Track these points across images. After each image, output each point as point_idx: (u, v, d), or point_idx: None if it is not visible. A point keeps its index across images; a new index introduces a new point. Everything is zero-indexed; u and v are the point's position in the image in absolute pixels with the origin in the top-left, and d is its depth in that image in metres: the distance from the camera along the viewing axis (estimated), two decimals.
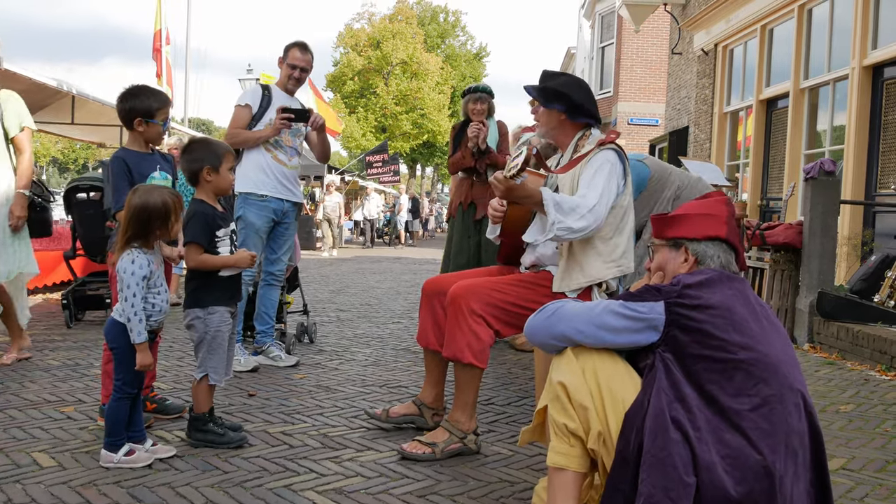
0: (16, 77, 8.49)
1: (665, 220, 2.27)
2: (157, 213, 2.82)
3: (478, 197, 5.51)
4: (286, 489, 2.67)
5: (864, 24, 7.55)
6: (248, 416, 3.55)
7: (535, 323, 2.22)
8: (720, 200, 2.29)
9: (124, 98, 3.33)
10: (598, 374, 2.06)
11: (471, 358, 2.96)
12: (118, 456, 2.82)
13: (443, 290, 3.20)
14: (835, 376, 4.79)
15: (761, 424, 1.91)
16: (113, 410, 2.85)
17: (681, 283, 2.08)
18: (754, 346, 1.98)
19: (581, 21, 25.43)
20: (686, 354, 1.99)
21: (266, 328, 4.77)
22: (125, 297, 2.82)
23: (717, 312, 2.00)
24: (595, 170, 2.95)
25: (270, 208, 4.62)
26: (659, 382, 1.97)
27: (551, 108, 3.13)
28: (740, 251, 2.24)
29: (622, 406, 2.01)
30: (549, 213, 2.84)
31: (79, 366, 4.53)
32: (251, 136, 4.58)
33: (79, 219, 6.07)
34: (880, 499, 2.75)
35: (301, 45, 4.73)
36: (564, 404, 2.05)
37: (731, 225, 2.23)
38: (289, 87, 4.75)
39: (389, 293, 9.23)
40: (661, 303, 2.05)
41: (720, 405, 1.93)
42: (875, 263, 5.89)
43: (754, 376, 1.95)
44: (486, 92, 5.56)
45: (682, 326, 2.01)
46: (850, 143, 7.63)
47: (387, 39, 36.54)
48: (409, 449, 3.02)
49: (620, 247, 3.02)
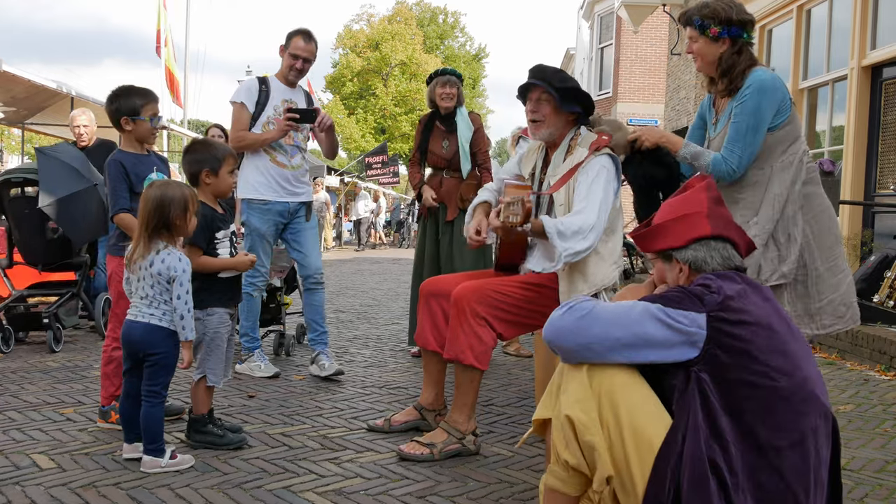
0: (15, 79, 8.51)
1: (644, 236, 2.07)
2: (177, 204, 2.80)
3: (448, 195, 5.09)
4: (286, 490, 2.67)
5: (862, 25, 7.55)
6: (247, 417, 3.55)
7: (565, 325, 1.89)
8: (698, 189, 2.04)
9: (110, 100, 3.33)
10: (619, 407, 1.79)
11: (472, 360, 2.96)
12: (164, 460, 2.82)
13: (441, 290, 3.20)
14: (834, 376, 4.79)
15: (797, 463, 1.76)
16: (152, 417, 2.84)
17: (722, 292, 1.81)
18: (794, 371, 1.79)
19: (580, 22, 25.44)
20: (726, 379, 1.76)
21: (315, 335, 4.52)
22: (179, 294, 2.81)
23: (759, 330, 1.79)
24: (592, 179, 2.96)
25: (275, 212, 4.40)
26: (695, 416, 1.75)
27: (569, 110, 3.08)
28: (738, 242, 1.99)
29: (648, 445, 1.77)
30: (556, 245, 2.86)
31: (78, 368, 4.53)
32: (257, 139, 4.31)
33: (14, 220, 5.18)
34: (880, 499, 2.75)
35: (305, 32, 4.39)
36: (569, 440, 1.82)
37: (717, 214, 1.98)
38: (290, 79, 4.42)
39: (389, 294, 9.23)
40: (703, 315, 1.79)
41: (759, 441, 1.75)
42: (874, 264, 5.89)
43: (795, 408, 1.77)
44: (455, 75, 5.10)
45: (723, 346, 1.77)
46: (850, 143, 7.63)
47: (386, 40, 36.55)
48: (408, 450, 3.02)
49: (617, 247, 3.08)
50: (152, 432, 2.83)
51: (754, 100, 2.83)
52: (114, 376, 3.30)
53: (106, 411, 3.34)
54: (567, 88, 3.05)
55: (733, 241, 1.98)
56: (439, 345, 3.18)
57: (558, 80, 3.05)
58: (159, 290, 2.84)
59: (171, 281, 2.82)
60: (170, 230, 2.83)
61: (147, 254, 2.82)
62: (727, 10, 2.86)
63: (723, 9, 2.87)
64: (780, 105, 2.88)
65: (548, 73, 3.08)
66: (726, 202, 2.20)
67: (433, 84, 5.09)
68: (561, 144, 3.15)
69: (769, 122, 2.86)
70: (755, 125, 2.84)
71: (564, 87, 3.04)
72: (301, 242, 4.51)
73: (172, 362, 2.91)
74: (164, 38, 14.93)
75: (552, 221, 2.90)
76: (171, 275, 2.81)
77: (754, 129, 2.84)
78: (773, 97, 2.85)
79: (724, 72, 2.92)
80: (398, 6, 39.17)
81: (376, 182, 22.71)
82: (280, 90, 4.43)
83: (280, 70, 4.46)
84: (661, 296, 1.88)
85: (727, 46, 2.89)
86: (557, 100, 3.04)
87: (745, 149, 2.84)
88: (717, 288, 1.83)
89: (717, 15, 2.85)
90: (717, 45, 2.88)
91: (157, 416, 2.86)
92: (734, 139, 2.86)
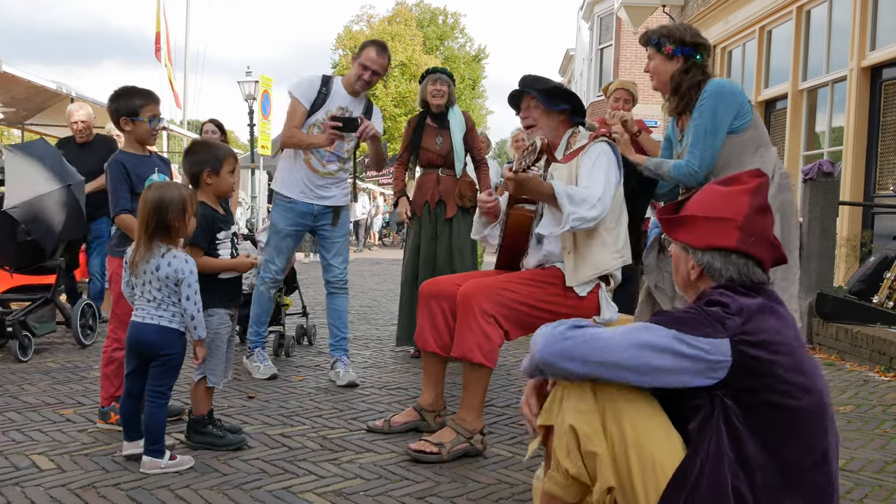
0: (15, 79, 8.51)
1: (670, 220, 1.93)
2: (175, 206, 2.81)
3: (446, 193, 5.05)
4: (285, 491, 2.67)
5: (862, 26, 7.56)
6: (247, 418, 3.55)
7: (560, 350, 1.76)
8: (744, 190, 1.83)
9: (111, 100, 3.34)
10: (623, 419, 1.72)
11: (480, 358, 2.97)
12: (164, 461, 2.82)
13: (441, 291, 3.20)
14: (834, 377, 4.79)
15: (820, 481, 1.71)
16: (155, 417, 2.85)
17: (742, 314, 1.70)
18: (813, 387, 1.72)
19: (580, 23, 25.45)
20: (752, 402, 1.68)
21: (334, 341, 4.47)
22: (188, 295, 2.83)
23: (780, 348, 1.70)
24: (593, 161, 3.06)
25: (297, 211, 4.36)
26: (720, 443, 1.66)
27: (557, 108, 3.21)
28: (763, 258, 1.82)
29: (651, 459, 1.69)
30: (564, 206, 2.91)
31: (78, 368, 4.53)
32: (305, 140, 4.26)
33: None
34: (879, 500, 2.75)
35: (379, 45, 4.34)
36: (571, 449, 1.76)
37: (751, 226, 1.80)
38: (356, 88, 4.31)
39: (388, 295, 9.23)
40: (726, 340, 1.67)
41: (784, 462, 1.68)
42: (874, 264, 5.90)
43: (818, 426, 1.72)
44: (447, 74, 5.09)
45: (749, 369, 1.67)
46: (849, 144, 7.64)
47: (385, 41, 36.53)
48: (417, 448, 3.02)
49: (622, 237, 3.12)
50: (154, 433, 2.83)
51: (711, 103, 3.02)
52: (114, 377, 3.30)
53: (106, 412, 3.33)
54: (548, 88, 3.20)
55: (757, 258, 1.82)
56: (439, 346, 3.19)
57: (539, 84, 3.22)
58: (167, 293, 2.85)
59: (178, 283, 2.83)
60: (169, 232, 2.83)
61: (148, 256, 2.83)
62: (682, 32, 3.13)
63: (678, 30, 3.14)
64: (739, 109, 3.04)
65: (528, 80, 3.26)
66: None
67: (425, 83, 5.09)
68: (560, 144, 3.24)
69: (727, 125, 3.03)
70: (713, 128, 3.01)
71: (545, 88, 3.19)
72: (326, 248, 4.48)
73: (180, 363, 2.93)
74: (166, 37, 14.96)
75: (562, 185, 2.97)
76: (178, 277, 2.83)
77: (713, 132, 3.02)
78: (731, 101, 3.02)
79: (674, 89, 3.14)
80: (398, 7, 39.18)
81: (376, 183, 22.75)
82: (340, 96, 4.33)
83: (348, 77, 4.37)
84: (677, 319, 1.73)
85: (680, 64, 3.10)
86: (542, 100, 3.18)
87: (705, 150, 3.02)
88: (736, 309, 1.71)
89: (672, 35, 3.11)
90: (672, 63, 3.12)
91: (161, 417, 2.86)
92: (694, 142, 3.05)
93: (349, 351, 4.56)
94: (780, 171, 3.10)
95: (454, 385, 4.05)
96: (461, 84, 39.36)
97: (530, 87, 3.21)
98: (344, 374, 4.32)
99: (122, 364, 3.05)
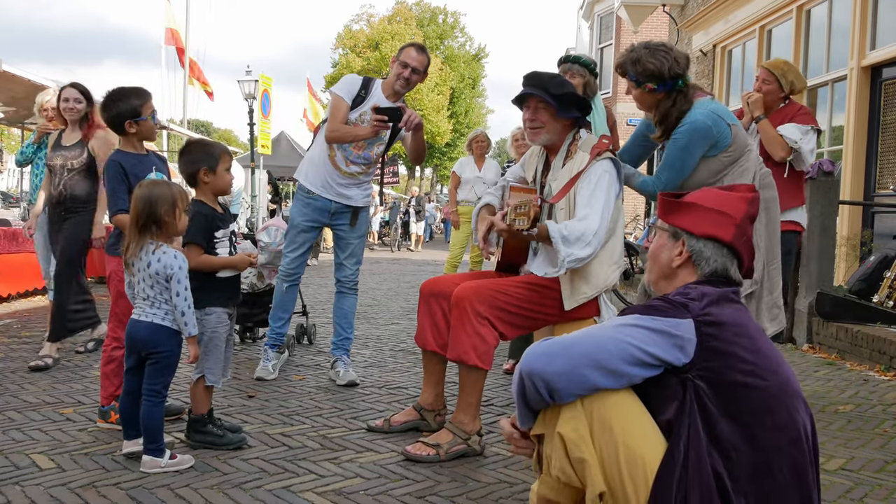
0: (15, 78, 8.50)
1: (671, 204, 2.01)
2: (164, 202, 2.82)
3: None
4: (285, 490, 2.67)
5: (862, 25, 7.56)
6: (247, 417, 3.55)
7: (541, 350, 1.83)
8: (743, 197, 1.98)
9: (106, 106, 3.28)
10: (612, 424, 1.76)
11: (476, 360, 2.97)
12: (164, 460, 2.82)
13: (441, 291, 3.20)
14: (834, 377, 4.79)
15: (798, 458, 1.76)
16: (152, 416, 2.84)
17: (703, 298, 1.82)
18: (777, 370, 1.79)
19: (580, 22, 25.42)
20: (720, 382, 1.75)
21: (337, 339, 4.48)
22: (178, 291, 2.83)
23: (740, 331, 1.79)
24: (594, 185, 2.98)
25: (315, 206, 4.36)
26: (695, 424, 1.73)
27: (569, 116, 3.11)
28: (744, 261, 1.96)
29: (641, 462, 1.73)
30: (560, 250, 2.88)
31: (78, 367, 4.53)
32: (350, 132, 4.22)
33: None
34: (879, 499, 2.75)
35: (418, 45, 4.34)
36: (559, 456, 1.79)
37: (743, 229, 1.95)
38: (396, 88, 4.25)
39: (388, 294, 9.23)
40: (689, 320, 1.78)
41: (760, 442, 1.74)
42: (874, 264, 5.89)
43: (787, 404, 1.77)
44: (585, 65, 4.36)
45: (712, 348, 1.76)
46: (849, 143, 7.64)
47: (386, 41, 36.53)
48: (414, 451, 3.02)
49: (617, 247, 3.09)
50: (152, 431, 2.83)
51: (685, 139, 3.12)
52: (114, 376, 3.30)
53: (106, 411, 3.33)
54: (565, 95, 3.05)
55: (741, 259, 1.95)
56: (439, 345, 3.19)
57: (555, 87, 3.06)
58: (159, 290, 2.85)
59: (168, 279, 2.83)
60: (160, 227, 2.84)
61: (139, 252, 2.83)
62: (659, 66, 3.06)
63: (653, 65, 3.06)
64: (715, 142, 3.13)
65: (544, 80, 3.09)
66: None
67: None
68: (560, 149, 3.17)
69: (697, 159, 3.15)
70: (682, 160, 3.15)
71: (562, 94, 3.05)
72: (342, 247, 4.50)
73: (175, 362, 2.92)
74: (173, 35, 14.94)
75: (556, 226, 2.92)
76: (167, 273, 2.83)
77: (681, 166, 3.17)
78: (704, 140, 3.12)
79: (660, 120, 3.20)
80: (398, 6, 39.18)
81: (376, 182, 22.67)
82: (377, 99, 4.27)
83: (387, 80, 4.33)
84: (647, 306, 1.86)
85: (663, 96, 3.14)
86: (556, 106, 3.05)
87: (671, 177, 3.19)
88: (697, 295, 1.83)
89: (648, 72, 3.08)
90: (654, 95, 3.15)
91: (158, 416, 2.86)
92: (663, 167, 3.21)
93: (349, 350, 4.56)
94: (761, 172, 3.25)
95: (454, 384, 4.05)
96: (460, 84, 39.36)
97: (545, 91, 3.05)
98: (344, 373, 4.33)
99: (122, 363, 3.05)
